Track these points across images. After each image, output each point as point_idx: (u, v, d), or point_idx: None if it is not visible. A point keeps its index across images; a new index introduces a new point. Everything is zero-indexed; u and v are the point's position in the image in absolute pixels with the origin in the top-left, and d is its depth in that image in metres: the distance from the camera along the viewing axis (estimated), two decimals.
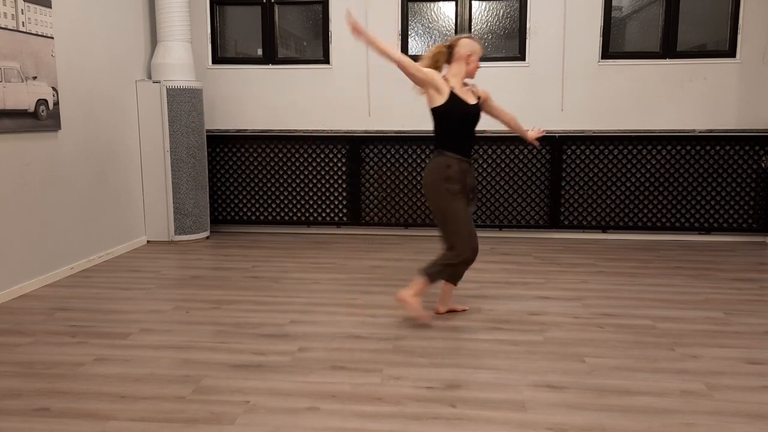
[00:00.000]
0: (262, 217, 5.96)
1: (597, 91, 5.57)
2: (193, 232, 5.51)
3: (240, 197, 5.95)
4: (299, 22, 5.91)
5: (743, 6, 5.34)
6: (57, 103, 4.24)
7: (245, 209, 5.97)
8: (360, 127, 5.76)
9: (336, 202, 5.87)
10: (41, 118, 4.08)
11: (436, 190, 3.27)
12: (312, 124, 5.82)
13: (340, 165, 5.82)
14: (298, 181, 5.88)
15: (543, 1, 5.50)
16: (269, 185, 5.90)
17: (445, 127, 3.29)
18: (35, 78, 4.02)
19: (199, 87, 5.47)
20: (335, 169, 5.83)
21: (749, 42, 5.39)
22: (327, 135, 5.78)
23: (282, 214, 5.94)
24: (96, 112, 4.74)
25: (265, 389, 2.59)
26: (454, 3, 5.59)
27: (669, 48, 5.47)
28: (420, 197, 5.77)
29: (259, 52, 5.86)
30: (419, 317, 3.37)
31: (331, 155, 5.81)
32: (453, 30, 5.63)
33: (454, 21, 5.62)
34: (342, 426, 2.30)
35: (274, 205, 5.93)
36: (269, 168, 5.88)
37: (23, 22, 3.90)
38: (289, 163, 5.86)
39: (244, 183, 5.92)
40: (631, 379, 2.68)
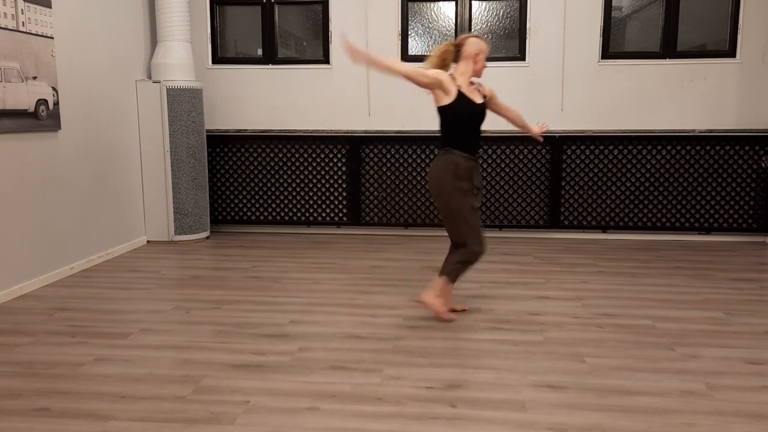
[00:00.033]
0: (262, 217, 5.96)
1: (597, 91, 5.57)
2: (193, 232, 5.52)
3: (240, 197, 5.95)
4: (299, 22, 5.92)
5: (743, 6, 5.34)
6: (57, 103, 4.24)
7: (245, 209, 5.97)
8: (360, 127, 5.76)
9: (336, 202, 5.87)
10: (41, 118, 4.08)
11: (445, 188, 3.29)
12: (312, 124, 5.82)
13: (340, 165, 5.82)
14: (298, 181, 5.88)
15: (543, 1, 5.50)
16: (269, 185, 5.91)
17: (452, 126, 3.31)
18: (35, 78, 4.02)
19: (199, 87, 5.47)
20: (335, 169, 5.83)
21: (749, 42, 5.39)
22: (327, 135, 5.78)
23: (282, 214, 5.94)
24: (96, 112, 4.74)
25: (265, 389, 2.59)
26: (454, 3, 5.59)
27: (669, 48, 5.47)
28: (420, 197, 5.77)
29: (259, 52, 5.86)
30: (445, 318, 3.40)
31: (331, 155, 5.81)
32: (453, 30, 5.62)
33: (454, 21, 5.62)
34: (342, 426, 2.30)
35: (274, 205, 5.94)
36: (269, 168, 5.88)
37: (23, 22, 3.90)
38: (289, 163, 5.86)
39: (244, 183, 5.92)
40: (631, 379, 2.68)
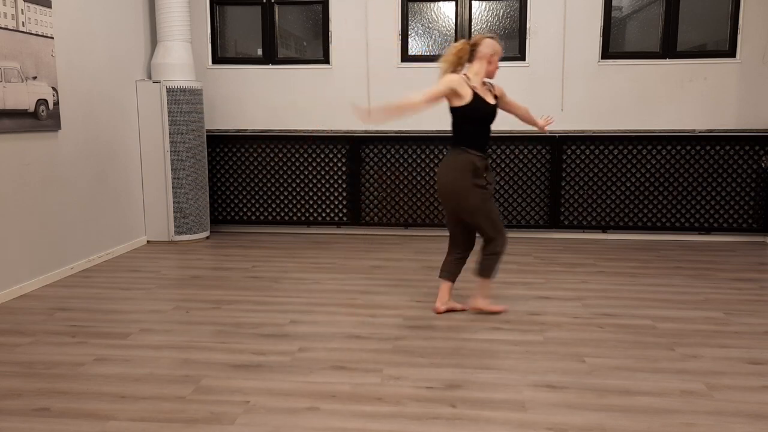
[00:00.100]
0: (262, 217, 5.96)
1: (597, 91, 5.57)
2: (193, 232, 5.51)
3: (240, 197, 5.95)
4: (299, 22, 5.91)
5: (743, 6, 5.34)
6: (57, 103, 4.24)
7: (245, 209, 5.97)
8: (360, 127, 5.76)
9: (336, 202, 5.87)
10: (41, 118, 4.08)
11: (464, 186, 3.31)
12: (312, 124, 5.82)
13: (340, 165, 5.82)
14: (298, 181, 5.88)
15: (543, 1, 5.50)
16: (269, 185, 5.90)
17: (466, 126, 3.35)
18: (35, 78, 4.02)
19: (199, 87, 5.47)
20: (335, 169, 5.83)
21: (749, 42, 5.39)
22: (327, 135, 5.78)
23: (282, 214, 5.94)
24: (96, 112, 4.74)
25: (265, 389, 2.59)
26: (454, 3, 5.59)
27: (669, 48, 5.47)
28: (420, 197, 5.77)
29: (259, 52, 5.86)
30: (500, 311, 3.51)
31: (331, 155, 5.81)
32: (453, 30, 5.63)
33: (454, 21, 5.62)
34: (342, 426, 2.30)
35: (274, 205, 5.93)
36: (269, 168, 5.88)
37: (23, 22, 3.90)
38: (289, 163, 5.86)
39: (244, 183, 5.92)
40: (631, 379, 2.68)
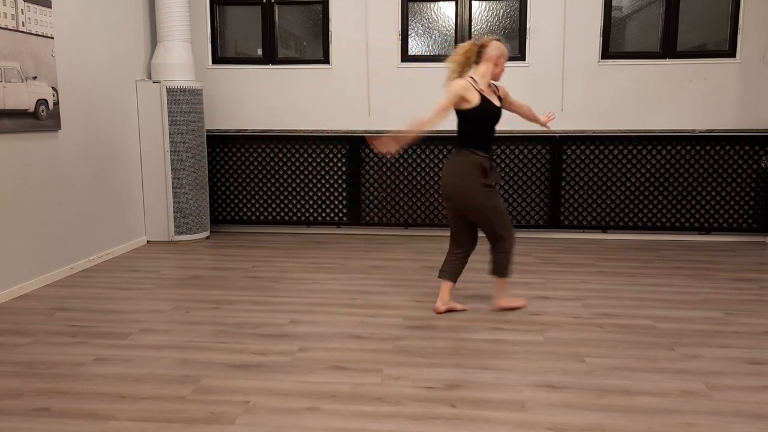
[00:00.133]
0: (262, 217, 5.96)
1: (597, 91, 5.57)
2: (193, 232, 5.51)
3: (240, 197, 5.95)
4: (299, 22, 5.91)
5: (743, 6, 5.34)
6: (57, 103, 4.24)
7: (245, 209, 5.97)
8: (360, 127, 5.76)
9: (336, 202, 5.87)
10: (41, 118, 4.08)
11: (473, 186, 3.33)
12: (312, 124, 5.82)
13: (340, 165, 5.82)
14: (298, 181, 5.87)
15: (543, 1, 5.50)
16: (269, 185, 5.90)
17: (472, 128, 3.37)
18: (35, 78, 4.02)
19: (199, 87, 5.47)
20: (335, 169, 5.83)
21: (749, 42, 5.38)
22: (327, 135, 5.78)
23: (282, 214, 5.94)
24: (96, 112, 4.74)
25: (265, 389, 2.59)
26: (454, 3, 5.58)
27: (669, 48, 5.47)
28: (420, 197, 5.76)
29: (259, 52, 5.86)
30: (522, 306, 3.62)
31: (331, 155, 5.81)
32: (453, 30, 5.62)
33: (454, 21, 5.62)
34: (342, 426, 2.30)
35: (274, 205, 5.93)
36: (269, 168, 5.88)
37: (23, 22, 3.90)
38: (289, 163, 5.86)
39: (244, 183, 5.92)
40: (631, 379, 2.68)
